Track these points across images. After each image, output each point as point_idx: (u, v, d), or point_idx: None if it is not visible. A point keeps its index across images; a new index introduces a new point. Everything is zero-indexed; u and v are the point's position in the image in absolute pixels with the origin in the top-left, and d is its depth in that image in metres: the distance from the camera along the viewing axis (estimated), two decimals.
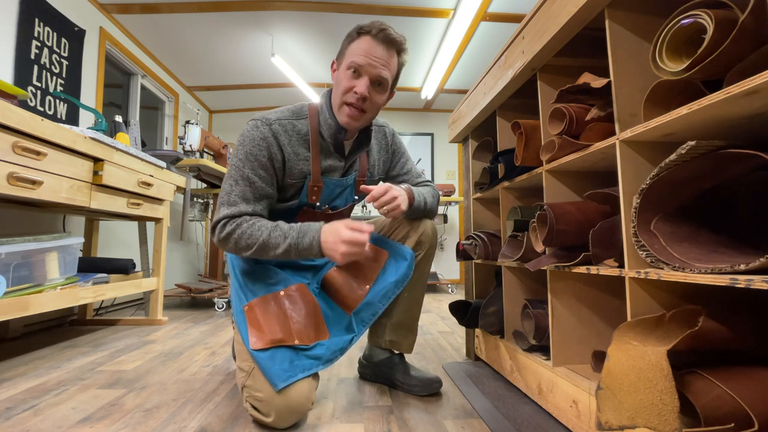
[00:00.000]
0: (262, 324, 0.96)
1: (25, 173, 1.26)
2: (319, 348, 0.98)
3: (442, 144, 4.79)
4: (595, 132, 0.83)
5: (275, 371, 0.89)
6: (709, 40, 0.53)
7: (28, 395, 1.11)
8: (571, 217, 0.85)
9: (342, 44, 1.04)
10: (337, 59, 1.05)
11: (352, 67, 0.99)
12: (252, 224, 0.97)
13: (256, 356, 0.91)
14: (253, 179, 1.00)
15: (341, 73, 1.02)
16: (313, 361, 0.96)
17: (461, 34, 2.87)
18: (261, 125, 1.01)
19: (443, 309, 2.70)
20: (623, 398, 0.58)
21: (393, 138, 1.25)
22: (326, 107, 1.06)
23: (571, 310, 0.95)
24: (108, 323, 2.17)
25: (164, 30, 2.92)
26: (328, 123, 1.05)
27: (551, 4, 0.89)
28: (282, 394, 0.88)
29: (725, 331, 0.59)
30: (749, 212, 0.67)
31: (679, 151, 0.58)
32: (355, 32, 1.01)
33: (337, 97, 1.03)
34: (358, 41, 1.00)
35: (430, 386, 1.12)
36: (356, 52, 0.99)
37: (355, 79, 1.00)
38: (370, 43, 0.99)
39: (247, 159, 0.99)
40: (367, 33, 0.99)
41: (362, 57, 0.98)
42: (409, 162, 1.29)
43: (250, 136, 1.00)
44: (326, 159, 1.09)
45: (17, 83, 1.96)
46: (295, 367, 0.92)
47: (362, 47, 0.99)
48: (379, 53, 0.99)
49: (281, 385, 0.88)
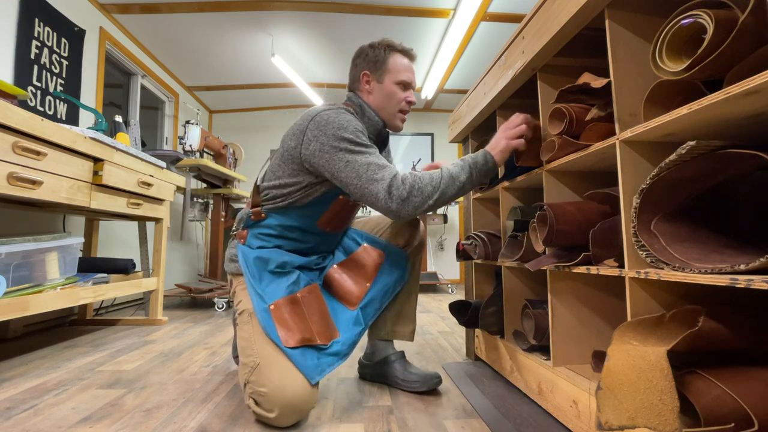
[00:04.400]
0: (290, 323, 1.00)
1: (25, 173, 1.26)
2: (336, 345, 1.03)
3: (442, 144, 4.79)
4: (595, 132, 0.83)
5: (309, 366, 0.95)
6: (709, 40, 0.53)
7: (28, 395, 1.11)
8: (571, 217, 0.85)
9: (372, 56, 1.17)
10: (373, 72, 1.16)
11: (402, 83, 1.16)
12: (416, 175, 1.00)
13: (290, 353, 0.95)
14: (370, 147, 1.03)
15: (390, 87, 1.15)
16: (334, 357, 1.01)
17: (461, 34, 2.87)
18: (342, 111, 1.06)
19: (443, 309, 2.70)
20: (623, 398, 0.58)
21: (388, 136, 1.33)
22: (369, 109, 1.16)
23: (571, 310, 0.95)
24: (108, 323, 2.17)
25: (164, 30, 2.91)
26: (374, 121, 1.15)
27: (551, 4, 0.89)
28: (290, 390, 0.89)
29: (725, 331, 0.59)
30: (749, 212, 0.67)
31: (679, 151, 0.58)
32: (386, 49, 1.17)
33: (391, 107, 1.17)
34: (395, 58, 1.16)
35: (429, 382, 1.14)
36: (402, 70, 1.16)
37: (405, 91, 1.17)
38: (406, 61, 1.18)
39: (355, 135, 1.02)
40: (399, 51, 1.17)
41: (409, 74, 1.17)
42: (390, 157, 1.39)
43: (338, 120, 1.02)
44: None
45: (17, 83, 1.96)
46: (323, 363, 0.98)
47: (405, 65, 1.17)
48: (412, 68, 1.20)
49: (317, 378, 0.94)
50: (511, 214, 1.21)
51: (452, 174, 1.00)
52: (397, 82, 1.16)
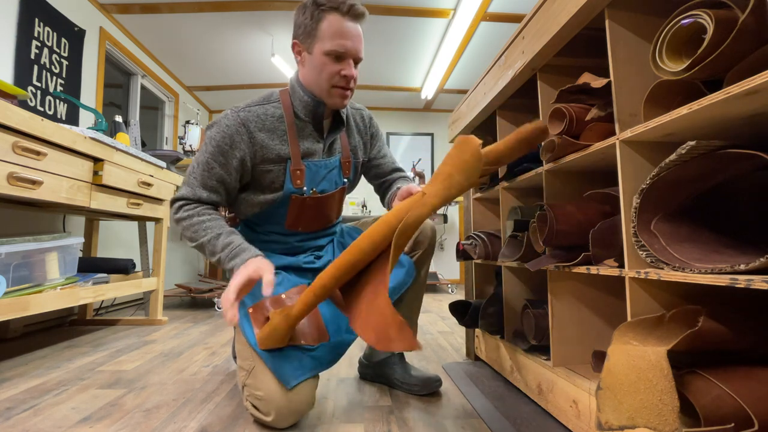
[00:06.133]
0: None
1: (25, 173, 1.26)
2: (322, 349, 0.97)
3: (442, 144, 4.79)
4: (595, 132, 0.83)
5: (285, 370, 0.90)
6: (709, 40, 0.53)
7: (28, 395, 1.11)
8: (571, 217, 0.85)
9: (301, 21, 0.97)
10: (302, 40, 0.98)
11: (333, 53, 0.94)
12: (202, 221, 0.98)
13: (265, 356, 0.91)
14: (212, 165, 0.99)
15: (318, 59, 0.96)
16: (317, 361, 0.96)
17: (461, 34, 2.87)
18: (230, 114, 1.01)
19: (443, 309, 2.70)
20: (623, 398, 0.58)
21: (371, 121, 1.23)
22: (298, 86, 1.03)
23: (571, 310, 0.95)
24: (108, 323, 2.17)
25: (164, 30, 2.91)
26: (304, 101, 1.02)
27: (551, 4, 0.89)
28: (284, 394, 0.88)
29: (725, 331, 0.59)
30: (749, 212, 0.67)
31: (679, 151, 0.58)
32: (315, 8, 0.94)
33: (322, 82, 0.98)
34: (327, 21, 0.93)
35: (430, 385, 1.13)
36: (332, 36, 0.93)
37: (338, 63, 0.96)
38: (343, 22, 0.93)
39: (210, 144, 1.00)
40: (335, 10, 0.93)
41: (342, 41, 0.93)
42: (385, 147, 1.28)
43: (218, 124, 1.00)
44: (304, 141, 1.06)
45: (17, 83, 1.96)
46: (304, 366, 0.93)
47: (337, 29, 0.93)
48: (354, 31, 0.95)
49: (294, 382, 0.89)
50: (511, 214, 1.21)
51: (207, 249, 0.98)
52: (326, 51, 0.94)
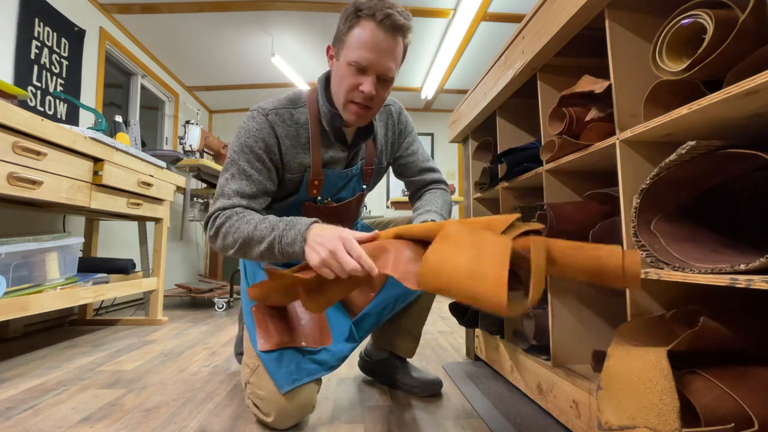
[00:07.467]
0: (270, 325, 0.94)
1: (25, 173, 1.26)
2: (325, 353, 0.95)
3: (442, 144, 4.79)
4: (595, 132, 0.83)
5: (281, 374, 0.88)
6: (709, 40, 0.53)
7: (28, 395, 1.11)
8: (571, 217, 0.85)
9: (339, 25, 0.91)
10: (335, 44, 0.94)
11: (355, 65, 0.88)
12: (242, 216, 0.88)
13: (263, 357, 0.90)
14: (250, 172, 0.93)
15: (342, 68, 0.90)
16: (318, 366, 0.94)
17: (461, 34, 2.87)
18: (257, 116, 0.95)
19: (443, 309, 2.69)
20: (623, 398, 0.58)
21: (399, 116, 1.15)
22: (322, 95, 0.98)
23: (571, 310, 0.95)
24: (108, 323, 2.16)
25: (164, 30, 2.91)
26: (323, 110, 0.98)
27: (551, 4, 0.89)
28: (285, 396, 0.87)
29: (725, 331, 0.59)
30: (749, 212, 0.67)
31: (679, 151, 0.58)
32: (353, 13, 0.87)
33: (340, 93, 0.93)
34: (359, 29, 0.87)
35: (430, 388, 1.12)
36: (359, 45, 0.86)
37: (359, 76, 0.89)
38: (374, 33, 0.86)
39: (242, 151, 0.94)
40: (370, 18, 0.86)
41: (366, 53, 0.86)
42: (416, 143, 1.19)
43: (246, 128, 0.95)
44: (328, 150, 1.02)
45: (17, 83, 1.96)
46: (302, 370, 0.90)
47: (365, 39, 0.86)
48: (385, 44, 0.87)
49: (287, 387, 0.87)
50: None
51: (255, 237, 0.85)
52: (350, 62, 0.88)
